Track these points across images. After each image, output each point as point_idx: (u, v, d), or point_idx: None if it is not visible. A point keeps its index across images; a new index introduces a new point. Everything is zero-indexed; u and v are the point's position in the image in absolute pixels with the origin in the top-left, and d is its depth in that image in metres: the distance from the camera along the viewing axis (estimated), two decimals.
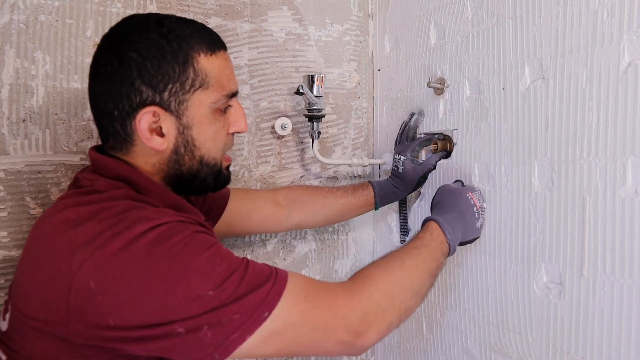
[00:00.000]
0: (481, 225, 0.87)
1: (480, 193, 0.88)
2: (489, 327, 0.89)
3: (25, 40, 0.94)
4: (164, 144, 0.67)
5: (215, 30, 0.73)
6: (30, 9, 0.94)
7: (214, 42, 0.70)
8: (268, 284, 0.60)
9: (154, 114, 0.65)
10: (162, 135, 0.67)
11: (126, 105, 0.65)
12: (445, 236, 0.79)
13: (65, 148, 0.97)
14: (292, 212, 1.03)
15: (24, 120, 0.94)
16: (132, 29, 0.66)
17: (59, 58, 0.96)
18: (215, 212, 0.95)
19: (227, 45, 1.12)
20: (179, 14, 1.05)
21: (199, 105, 0.67)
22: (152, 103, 0.65)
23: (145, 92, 0.64)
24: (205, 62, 0.67)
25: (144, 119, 0.65)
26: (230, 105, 0.72)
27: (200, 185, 0.73)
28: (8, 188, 0.93)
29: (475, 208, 0.85)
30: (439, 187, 0.90)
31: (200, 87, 0.67)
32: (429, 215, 0.84)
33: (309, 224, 1.07)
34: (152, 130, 0.66)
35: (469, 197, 0.85)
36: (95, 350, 0.59)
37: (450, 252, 0.80)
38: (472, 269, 0.93)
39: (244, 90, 1.14)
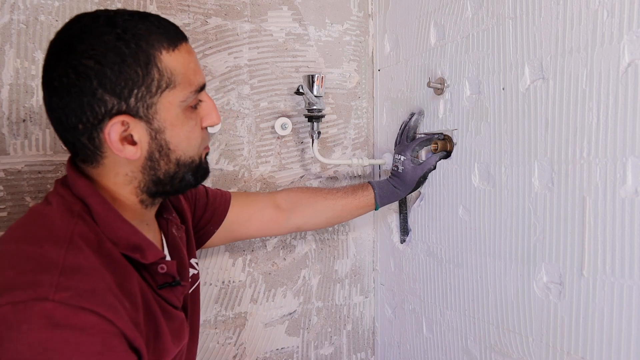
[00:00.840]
0: None
1: None
2: (489, 327, 0.89)
3: (25, 40, 0.94)
4: (137, 152, 0.64)
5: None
6: (30, 9, 0.94)
7: (173, 36, 0.64)
8: None
9: (123, 123, 0.62)
10: (133, 143, 0.63)
11: (90, 118, 0.61)
12: None
13: (65, 148, 0.97)
14: (292, 215, 1.02)
15: (24, 120, 0.94)
16: (83, 34, 0.60)
17: None
18: (216, 219, 0.95)
19: (227, 45, 1.14)
20: (179, 14, 1.06)
21: (168, 106, 0.64)
22: (119, 112, 0.61)
23: (109, 102, 0.60)
24: (169, 60, 0.63)
25: (113, 130, 0.61)
26: (200, 100, 0.69)
27: (180, 184, 0.70)
28: (8, 188, 0.93)
29: None
30: None
31: (167, 87, 0.63)
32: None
33: (309, 226, 1.07)
34: (122, 139, 0.63)
35: None
36: None
37: None
38: (472, 269, 0.93)
39: (244, 90, 1.14)
